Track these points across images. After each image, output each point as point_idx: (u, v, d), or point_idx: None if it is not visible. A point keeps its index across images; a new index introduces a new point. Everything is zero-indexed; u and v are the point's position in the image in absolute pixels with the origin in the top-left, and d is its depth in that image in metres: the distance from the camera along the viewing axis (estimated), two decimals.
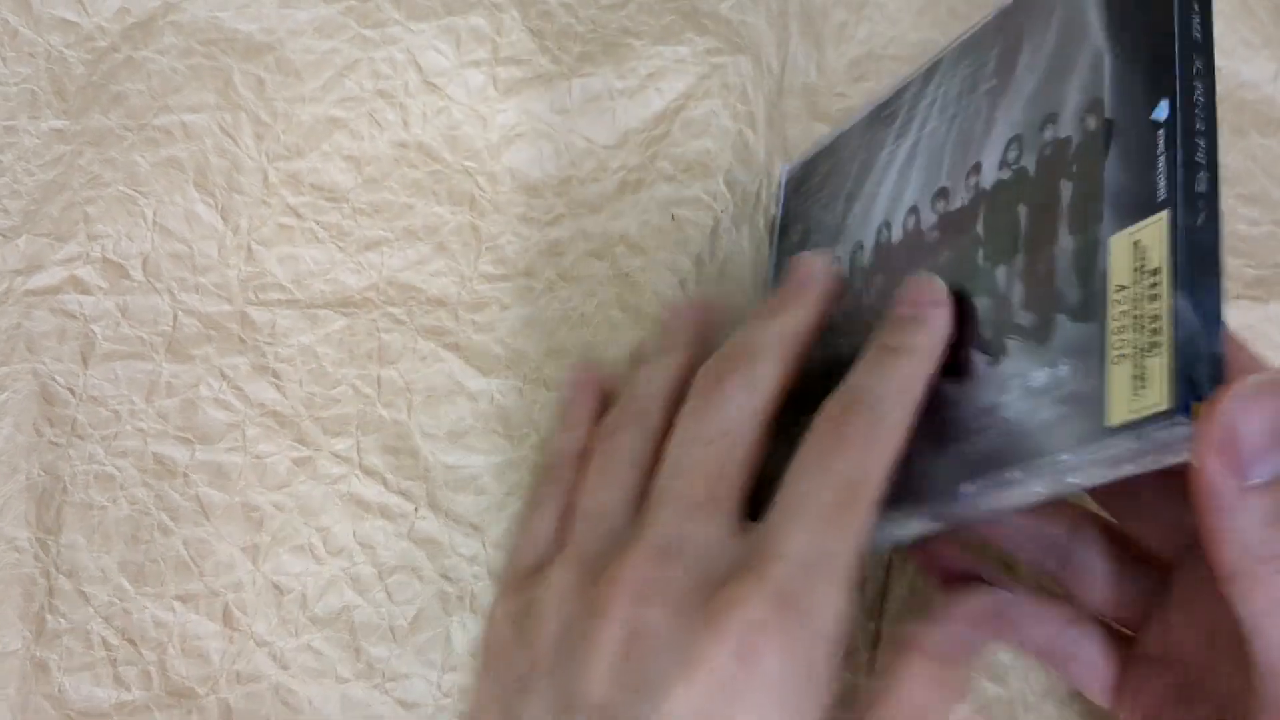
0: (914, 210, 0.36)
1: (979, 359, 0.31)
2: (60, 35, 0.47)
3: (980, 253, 0.33)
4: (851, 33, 0.50)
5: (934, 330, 0.32)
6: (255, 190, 0.44)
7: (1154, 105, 0.29)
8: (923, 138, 0.37)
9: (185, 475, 0.41)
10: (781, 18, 0.50)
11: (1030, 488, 0.29)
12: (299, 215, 0.44)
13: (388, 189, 0.45)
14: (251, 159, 0.45)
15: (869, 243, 0.38)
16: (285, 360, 0.42)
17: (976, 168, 0.34)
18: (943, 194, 0.35)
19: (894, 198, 0.37)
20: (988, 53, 0.36)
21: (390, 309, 0.43)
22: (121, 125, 0.45)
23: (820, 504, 0.29)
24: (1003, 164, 0.33)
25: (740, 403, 0.32)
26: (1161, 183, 0.28)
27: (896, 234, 0.37)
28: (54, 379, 0.41)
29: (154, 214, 0.44)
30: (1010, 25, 0.36)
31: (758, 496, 0.31)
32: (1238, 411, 0.25)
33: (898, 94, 0.40)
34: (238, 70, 0.46)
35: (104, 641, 0.38)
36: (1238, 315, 0.47)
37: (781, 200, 0.45)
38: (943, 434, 0.31)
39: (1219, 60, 0.50)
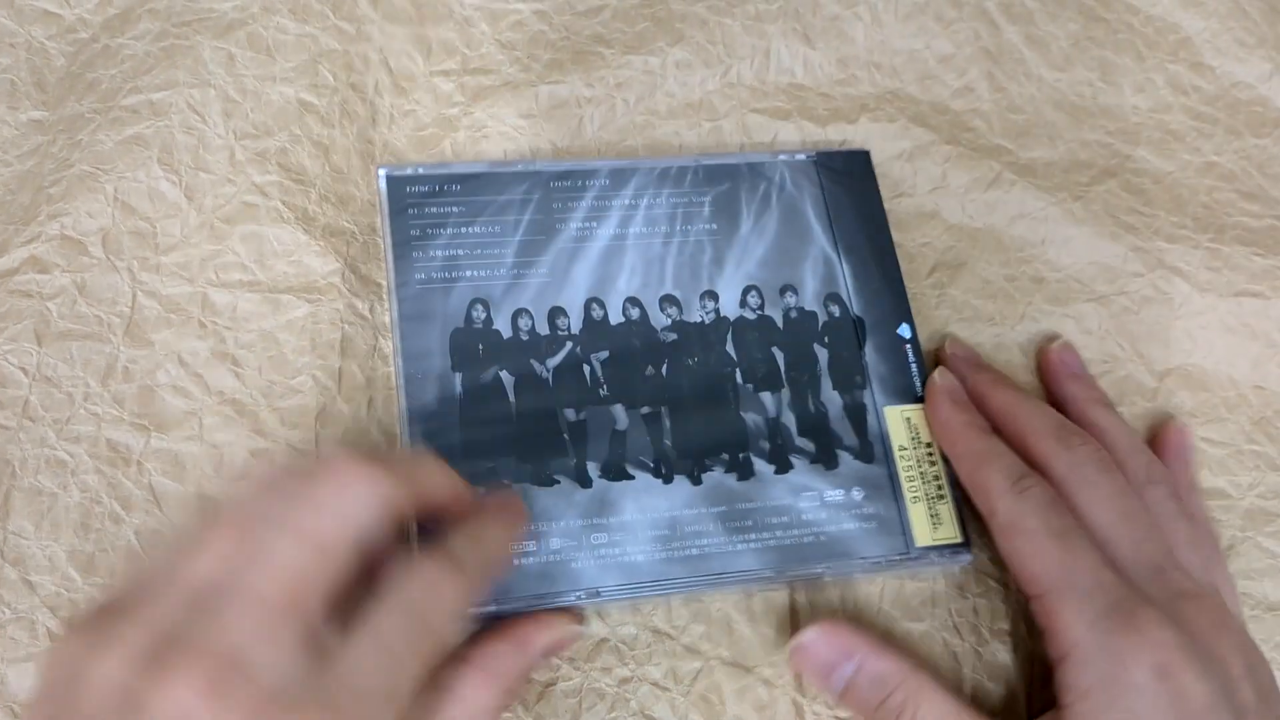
0: (635, 303, 0.43)
1: (763, 466, 0.41)
2: (42, 27, 0.46)
3: (738, 374, 0.42)
4: (842, 27, 0.50)
5: (518, 528, 0.37)
6: (221, 168, 0.44)
7: (898, 324, 0.44)
8: (630, 237, 0.44)
9: (139, 463, 0.40)
10: (758, 21, 0.49)
11: (826, 578, 0.40)
12: (265, 194, 0.43)
13: (353, 183, 0.45)
14: (219, 136, 0.44)
15: (575, 313, 0.42)
16: (245, 346, 0.41)
17: (713, 295, 0.43)
18: (672, 301, 0.43)
19: (601, 280, 0.43)
20: (699, 194, 0.45)
21: (354, 299, 0.43)
22: (92, 109, 0.44)
23: (398, 640, 0.29)
24: (744, 304, 0.43)
25: (352, 512, 0.30)
26: (917, 382, 0.43)
27: (615, 317, 0.42)
28: (6, 359, 0.40)
29: (115, 189, 0.43)
30: (720, 180, 0.45)
31: None
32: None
33: (577, 174, 0.45)
34: (208, 46, 0.45)
35: (49, 632, 0.37)
36: (1238, 313, 0.46)
37: (387, 206, 0.42)
38: (739, 523, 0.40)
39: (1213, 59, 0.50)
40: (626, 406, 0.41)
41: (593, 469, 0.40)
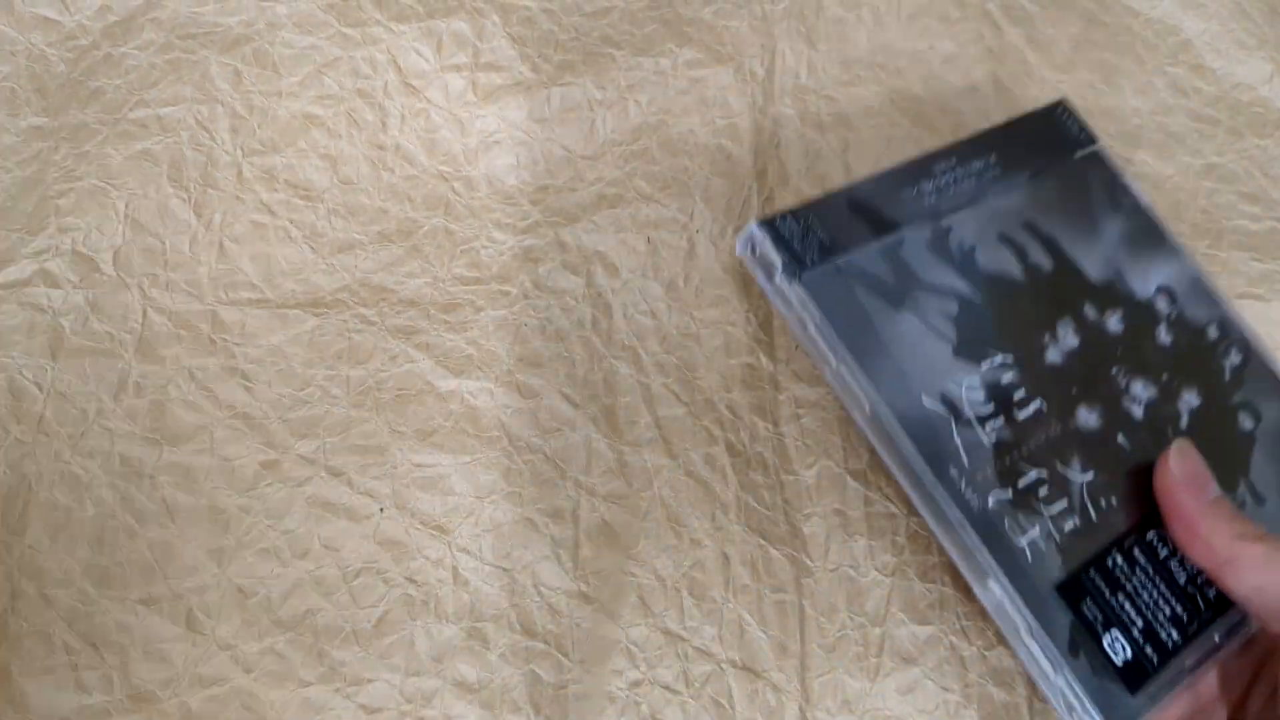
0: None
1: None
2: (42, 33, 0.46)
3: None
4: (845, 30, 0.50)
5: None
6: (229, 185, 0.44)
7: None
8: None
9: (152, 477, 0.40)
10: (765, 21, 0.49)
11: None
12: (273, 213, 0.44)
13: (363, 192, 0.45)
14: (227, 153, 0.44)
15: None
16: (255, 361, 0.42)
17: None
18: None
19: None
20: None
21: (361, 309, 0.43)
22: (97, 119, 0.44)
23: None
24: None
25: None
26: None
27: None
28: (21, 373, 0.40)
29: (126, 206, 0.43)
30: None
31: None
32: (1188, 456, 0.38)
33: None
34: (215, 62, 0.45)
35: (66, 645, 0.38)
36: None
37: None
38: None
39: (1213, 61, 0.50)
40: None
41: None
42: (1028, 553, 0.36)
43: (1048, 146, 0.45)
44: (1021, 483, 0.38)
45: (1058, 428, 0.39)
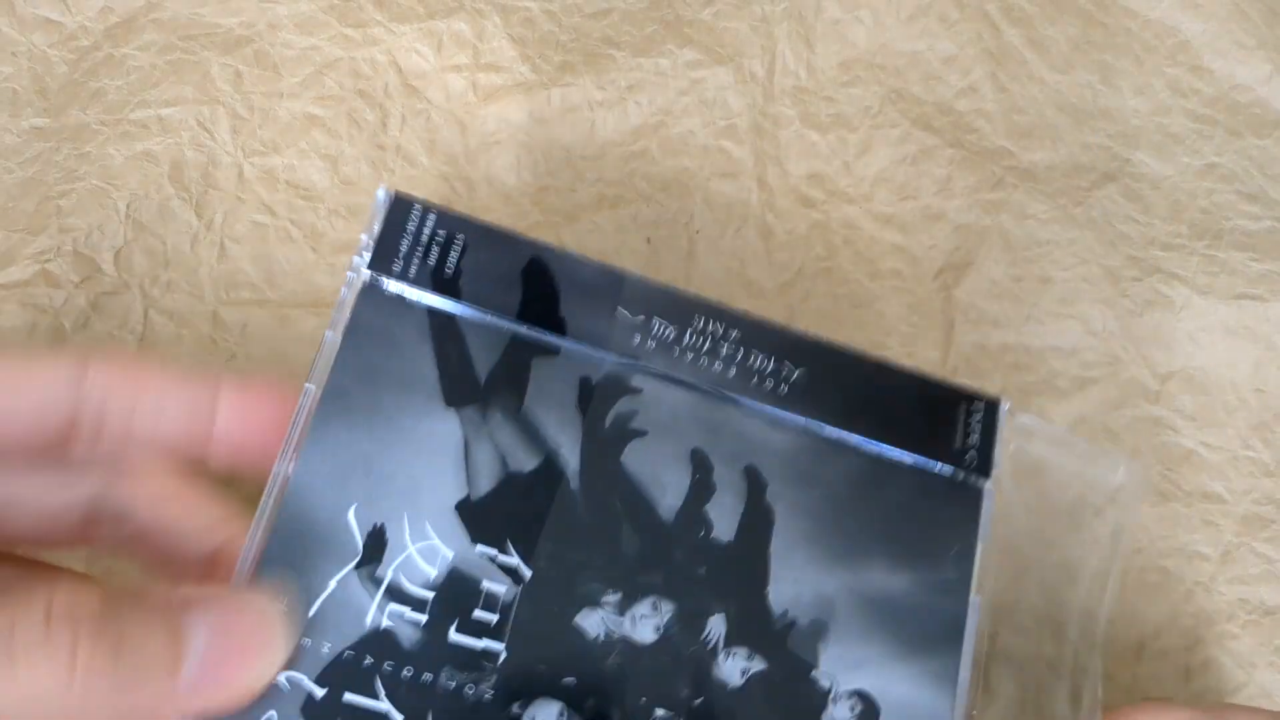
0: None
1: None
2: (43, 34, 0.46)
3: None
4: (844, 31, 0.50)
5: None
6: (230, 185, 0.44)
7: None
8: None
9: None
10: (765, 23, 0.49)
11: None
12: (273, 213, 0.44)
13: (364, 192, 0.45)
14: (228, 153, 0.45)
15: None
16: (256, 361, 0.42)
17: None
18: None
19: None
20: None
21: None
22: (98, 120, 0.45)
23: None
24: None
25: None
26: None
27: None
28: None
29: (127, 207, 0.43)
30: None
31: None
32: None
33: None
34: (216, 63, 0.46)
35: None
36: (1238, 316, 0.46)
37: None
38: None
39: (1212, 61, 0.50)
40: None
41: None
42: None
43: (927, 437, 0.32)
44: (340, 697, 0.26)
45: (488, 704, 0.27)
